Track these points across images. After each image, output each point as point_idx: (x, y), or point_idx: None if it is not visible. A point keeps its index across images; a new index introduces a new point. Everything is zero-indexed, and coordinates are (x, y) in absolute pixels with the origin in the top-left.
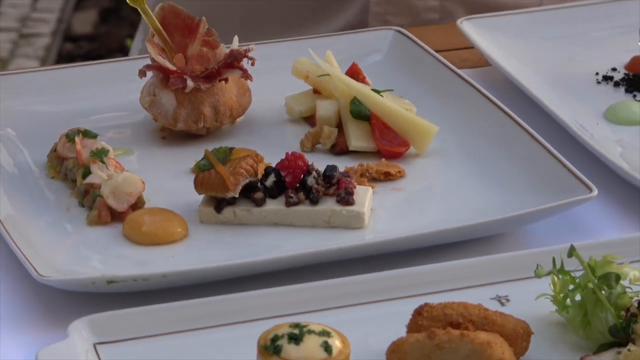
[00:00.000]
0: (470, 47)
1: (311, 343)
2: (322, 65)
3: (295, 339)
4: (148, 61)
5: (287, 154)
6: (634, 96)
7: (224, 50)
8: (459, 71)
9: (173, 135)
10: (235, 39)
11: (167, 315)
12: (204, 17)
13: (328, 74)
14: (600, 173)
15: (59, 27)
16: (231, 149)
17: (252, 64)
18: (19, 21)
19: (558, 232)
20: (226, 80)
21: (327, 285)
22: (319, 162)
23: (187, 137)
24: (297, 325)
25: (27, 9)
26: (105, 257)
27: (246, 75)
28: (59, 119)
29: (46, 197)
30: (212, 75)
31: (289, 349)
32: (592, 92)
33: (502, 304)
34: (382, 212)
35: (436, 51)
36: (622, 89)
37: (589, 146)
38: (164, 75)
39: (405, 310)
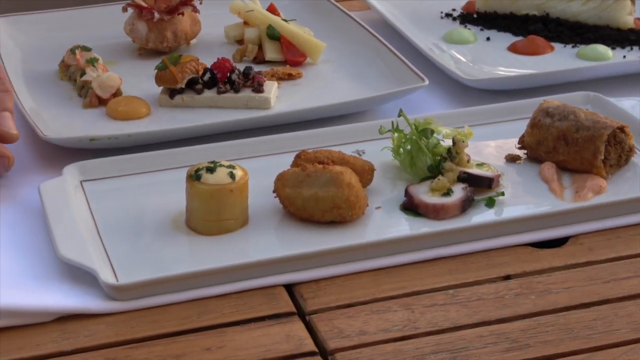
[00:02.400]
0: None
1: (221, 173)
2: (249, 4)
3: (211, 170)
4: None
5: (218, 58)
6: (465, 26)
7: None
8: (344, 8)
9: (146, 52)
10: None
11: (129, 162)
12: None
13: (253, 10)
14: (440, 76)
15: None
16: (180, 55)
17: (200, 3)
18: None
19: (406, 110)
20: (182, 13)
21: (241, 143)
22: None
23: (155, 53)
24: (212, 162)
25: None
26: (94, 128)
27: (195, 10)
28: (67, 41)
29: (56, 91)
30: (172, 10)
31: (206, 176)
32: (437, 23)
33: (360, 155)
34: (284, 100)
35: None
36: (457, 22)
37: (429, 57)
38: (139, 11)
39: (291, 158)
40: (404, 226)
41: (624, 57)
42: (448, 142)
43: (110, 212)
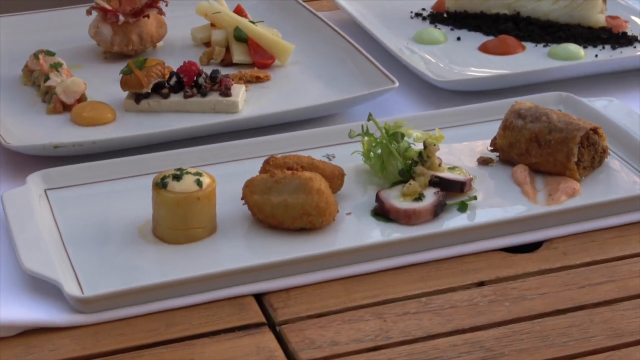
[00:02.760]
0: None
1: (188, 180)
2: (216, 6)
3: (177, 177)
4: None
5: (184, 61)
6: (435, 26)
7: None
8: (312, 9)
9: (112, 55)
10: None
11: (95, 169)
12: None
13: (220, 12)
14: (410, 77)
15: None
16: (145, 59)
17: (166, 5)
18: None
19: (376, 112)
20: (148, 16)
21: (209, 149)
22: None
23: (121, 56)
24: (179, 169)
25: None
26: (58, 134)
27: (161, 12)
28: (30, 45)
29: (20, 97)
30: (138, 13)
31: (173, 184)
32: (406, 23)
33: (330, 159)
34: (252, 103)
35: (304, 0)
36: (427, 21)
37: (399, 58)
38: (104, 14)
39: (259, 164)
40: (375, 232)
41: (596, 56)
42: (419, 146)
43: (75, 222)
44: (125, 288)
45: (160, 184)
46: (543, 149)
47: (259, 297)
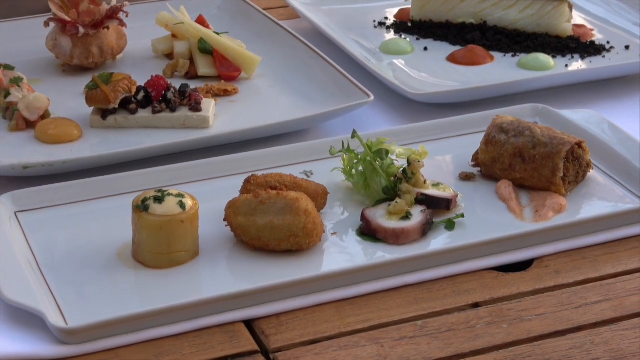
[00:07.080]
0: (286, 6)
1: (170, 202)
2: (177, 16)
3: (159, 199)
4: (51, 16)
5: (152, 76)
6: (400, 35)
7: (105, 6)
8: (275, 19)
9: (71, 68)
10: None
11: (68, 190)
12: None
13: (182, 22)
14: (379, 88)
15: None
16: (111, 73)
17: (127, 16)
18: None
19: (349, 126)
20: (108, 27)
21: (186, 166)
22: (177, 84)
23: (80, 69)
24: (160, 191)
25: None
26: (22, 153)
27: (122, 24)
28: None
29: None
30: (98, 24)
31: (154, 206)
32: (370, 32)
33: (308, 177)
34: (222, 117)
35: (263, 9)
36: (392, 31)
37: (370, 70)
38: (63, 25)
39: (239, 182)
40: (364, 253)
41: (566, 66)
42: (401, 161)
43: (50, 246)
44: (111, 317)
45: (141, 207)
46: (527, 164)
47: (248, 323)
